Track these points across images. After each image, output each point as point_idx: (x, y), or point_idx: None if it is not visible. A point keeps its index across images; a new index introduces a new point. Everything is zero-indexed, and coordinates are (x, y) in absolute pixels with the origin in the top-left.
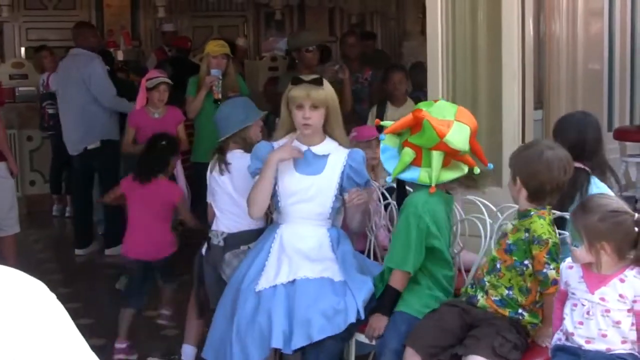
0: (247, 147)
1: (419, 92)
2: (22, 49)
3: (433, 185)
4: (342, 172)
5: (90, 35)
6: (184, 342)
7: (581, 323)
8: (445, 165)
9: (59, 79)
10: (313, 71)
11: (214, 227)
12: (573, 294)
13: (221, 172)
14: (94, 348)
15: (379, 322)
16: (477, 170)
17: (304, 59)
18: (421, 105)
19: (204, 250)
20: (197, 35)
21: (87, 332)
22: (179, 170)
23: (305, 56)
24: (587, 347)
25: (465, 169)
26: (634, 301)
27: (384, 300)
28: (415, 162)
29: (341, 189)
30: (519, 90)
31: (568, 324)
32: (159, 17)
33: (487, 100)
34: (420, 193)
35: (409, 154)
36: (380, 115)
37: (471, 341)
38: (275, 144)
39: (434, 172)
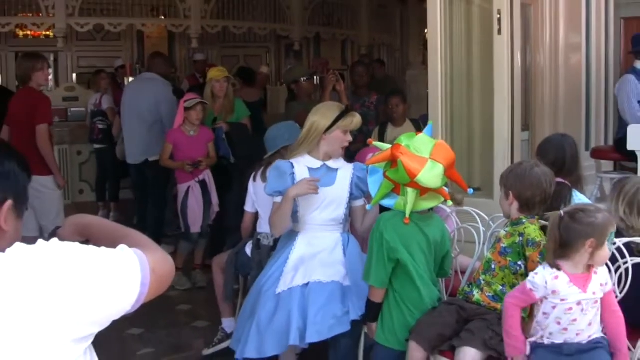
0: None
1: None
2: (74, 75)
3: (407, 216)
4: (351, 182)
5: (162, 64)
6: (222, 318)
7: (575, 320)
8: (422, 194)
9: (129, 97)
10: (311, 97)
11: (260, 229)
12: (562, 299)
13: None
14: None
15: (369, 328)
16: (449, 203)
17: (302, 88)
18: (402, 138)
19: (248, 250)
20: (225, 63)
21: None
22: (211, 183)
23: (303, 85)
24: (576, 339)
25: (441, 199)
26: (603, 285)
27: (367, 312)
28: (395, 190)
29: (351, 197)
30: (509, 114)
31: (552, 325)
32: (192, 48)
33: (481, 122)
34: (389, 212)
35: (387, 186)
36: (382, 135)
37: (466, 335)
38: (295, 162)
39: (408, 205)
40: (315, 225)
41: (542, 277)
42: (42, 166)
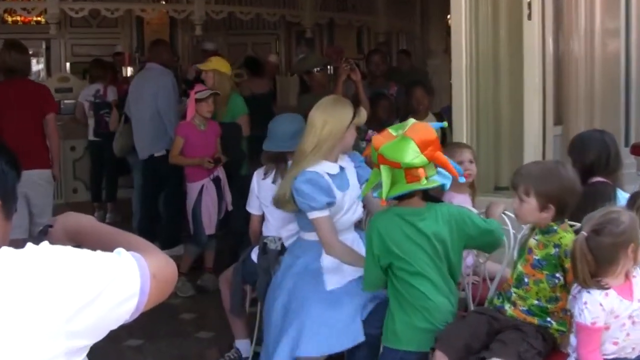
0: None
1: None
2: (68, 64)
3: (383, 198)
4: (357, 176)
5: (163, 52)
6: (235, 339)
7: (629, 335)
8: (409, 181)
9: (135, 89)
10: (326, 89)
11: (267, 232)
12: (616, 316)
13: (274, 181)
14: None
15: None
16: (423, 182)
17: (315, 80)
18: (392, 127)
19: (254, 255)
20: (231, 52)
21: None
22: (224, 182)
23: (316, 76)
24: (632, 355)
25: (424, 182)
26: None
27: None
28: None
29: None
30: (540, 107)
31: (609, 347)
32: (195, 35)
33: (509, 116)
34: (379, 211)
35: (375, 173)
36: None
37: (497, 345)
38: (320, 170)
39: (384, 186)
40: (341, 230)
41: (596, 303)
42: (43, 159)
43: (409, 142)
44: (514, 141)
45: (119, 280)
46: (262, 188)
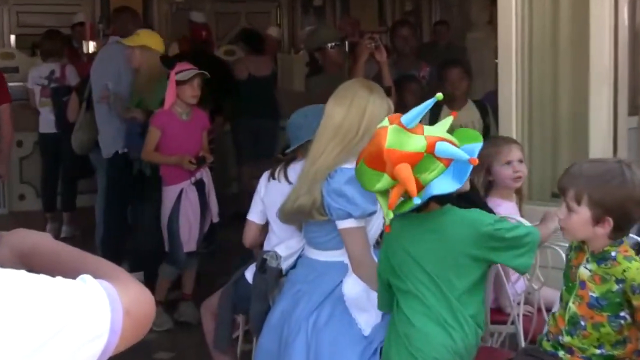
0: None
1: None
2: (12, 37)
3: (387, 224)
4: None
5: (129, 22)
6: None
7: None
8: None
9: (95, 71)
10: (342, 70)
11: (268, 246)
12: None
13: (288, 181)
14: None
15: None
16: (390, 214)
17: (329, 58)
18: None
19: (249, 275)
20: (221, 23)
21: None
22: (209, 183)
23: (330, 54)
24: None
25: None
26: None
27: None
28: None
29: None
30: (610, 93)
31: None
32: (175, 2)
33: (571, 105)
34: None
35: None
36: (433, 121)
37: None
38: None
39: (383, 210)
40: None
41: None
42: None
43: (362, 163)
44: (577, 136)
45: (84, 315)
46: (270, 191)
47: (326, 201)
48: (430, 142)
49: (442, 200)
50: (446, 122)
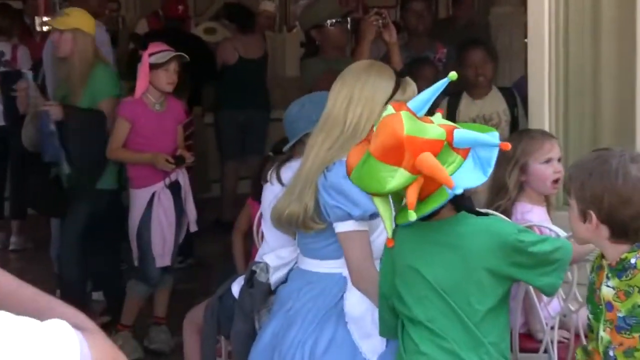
0: None
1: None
2: None
3: (389, 237)
4: None
5: None
6: None
7: None
8: (421, 197)
9: (49, 53)
10: (344, 51)
11: (258, 257)
12: None
13: (281, 183)
14: None
15: None
16: (412, 216)
17: (328, 37)
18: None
19: (236, 289)
20: None
21: None
22: (186, 189)
23: (331, 33)
24: None
25: (443, 195)
26: None
27: None
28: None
29: None
30: None
31: None
32: None
33: (614, 91)
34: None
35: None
36: (453, 112)
37: None
38: None
39: (384, 221)
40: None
41: None
42: None
43: (370, 159)
44: (622, 129)
45: None
46: (262, 196)
47: (322, 199)
48: (447, 130)
49: (457, 204)
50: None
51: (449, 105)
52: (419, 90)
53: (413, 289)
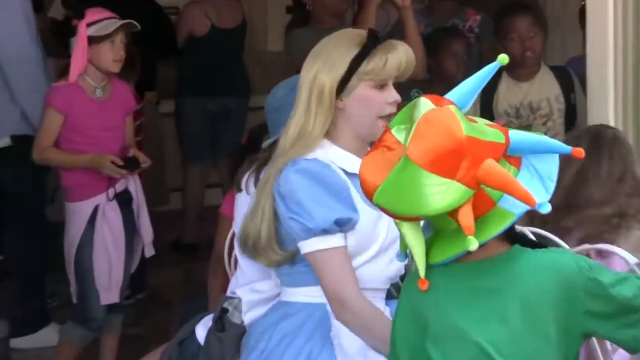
0: None
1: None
2: None
3: (422, 276)
4: None
5: None
6: None
7: None
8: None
9: None
10: (343, 21)
11: (235, 288)
12: None
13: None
14: None
15: None
16: (472, 244)
17: (325, 2)
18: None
19: (201, 332)
20: None
21: None
22: (139, 202)
23: None
24: None
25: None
26: None
27: None
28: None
29: None
30: None
31: None
32: None
33: None
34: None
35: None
36: (488, 100)
37: None
38: (328, 160)
39: (415, 256)
40: (367, 289)
41: None
42: None
43: (412, 169)
44: None
45: None
46: (237, 207)
47: (279, 210)
48: (502, 129)
49: (510, 236)
50: None
51: (485, 88)
52: (443, 69)
53: (449, 347)
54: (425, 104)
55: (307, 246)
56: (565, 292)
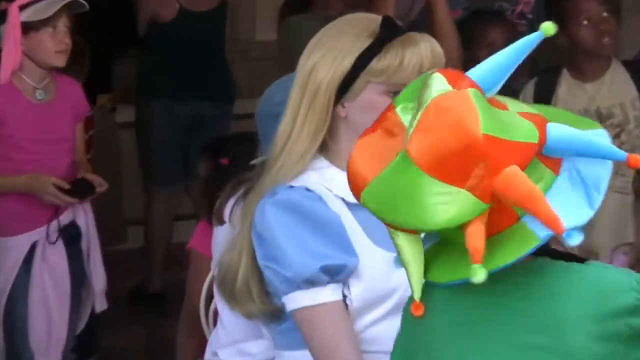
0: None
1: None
2: None
3: (416, 299)
4: None
5: None
6: None
7: None
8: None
9: None
10: (354, 3)
11: (215, 348)
12: None
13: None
14: None
15: None
16: (478, 275)
17: None
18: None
19: None
20: None
21: None
22: (91, 238)
23: None
24: None
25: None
26: None
27: None
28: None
29: None
30: None
31: None
32: None
33: None
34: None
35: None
36: (545, 97)
37: None
38: (321, 185)
39: (409, 277)
40: (378, 353)
41: None
42: None
43: (411, 170)
44: None
45: None
46: (215, 244)
47: (257, 255)
48: (538, 122)
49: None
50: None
51: (539, 90)
52: (476, 65)
53: None
54: (438, 82)
55: (291, 302)
56: (609, 313)
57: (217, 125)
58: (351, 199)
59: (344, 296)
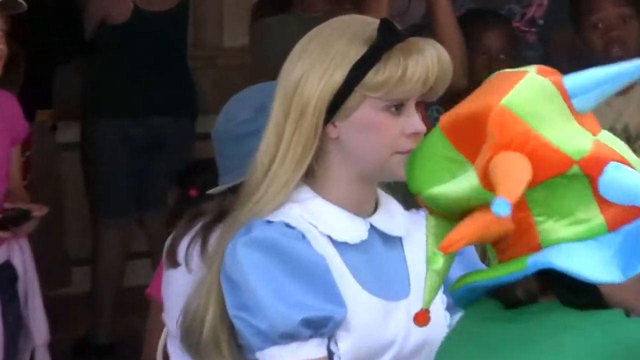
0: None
1: None
2: None
3: (423, 305)
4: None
5: None
6: None
7: None
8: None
9: None
10: (340, 1)
11: None
12: None
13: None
14: None
15: None
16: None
17: None
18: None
19: None
20: None
21: None
22: (27, 271)
23: None
24: None
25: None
26: None
27: None
28: None
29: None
30: None
31: None
32: None
33: None
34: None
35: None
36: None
37: None
38: (302, 222)
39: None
40: None
41: None
42: None
43: (436, 131)
44: None
45: None
46: (168, 289)
47: (226, 303)
48: (597, 152)
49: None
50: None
51: None
52: (476, 68)
53: None
54: (533, 67)
55: (267, 359)
56: None
57: (176, 146)
58: (339, 237)
59: (331, 353)
